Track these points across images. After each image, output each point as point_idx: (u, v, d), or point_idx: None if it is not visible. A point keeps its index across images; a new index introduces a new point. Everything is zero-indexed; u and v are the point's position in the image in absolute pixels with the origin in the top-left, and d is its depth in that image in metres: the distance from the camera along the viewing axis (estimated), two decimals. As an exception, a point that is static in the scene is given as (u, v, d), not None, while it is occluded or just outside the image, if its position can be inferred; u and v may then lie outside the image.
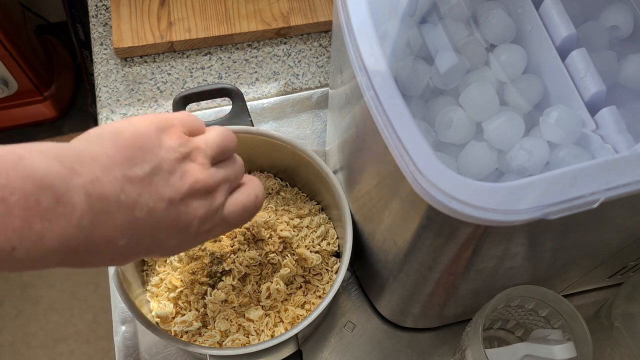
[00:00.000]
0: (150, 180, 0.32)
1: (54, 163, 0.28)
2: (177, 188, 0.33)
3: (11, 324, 1.33)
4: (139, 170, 0.31)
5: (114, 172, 0.30)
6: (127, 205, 0.30)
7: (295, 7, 0.77)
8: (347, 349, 0.59)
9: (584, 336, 0.46)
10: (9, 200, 0.26)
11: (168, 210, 0.33)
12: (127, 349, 0.58)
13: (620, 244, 0.46)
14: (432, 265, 0.43)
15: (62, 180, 0.28)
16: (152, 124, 0.33)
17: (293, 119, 0.72)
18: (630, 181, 0.34)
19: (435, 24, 0.45)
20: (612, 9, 0.45)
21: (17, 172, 0.26)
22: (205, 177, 0.35)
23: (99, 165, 0.30)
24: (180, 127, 0.35)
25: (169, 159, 0.33)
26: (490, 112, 0.42)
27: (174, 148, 0.33)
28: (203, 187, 0.35)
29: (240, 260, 0.51)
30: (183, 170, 0.34)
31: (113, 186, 0.30)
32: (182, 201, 0.33)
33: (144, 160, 0.32)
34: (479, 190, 0.33)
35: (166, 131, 0.34)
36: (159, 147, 0.33)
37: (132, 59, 0.74)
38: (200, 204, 0.35)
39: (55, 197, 0.27)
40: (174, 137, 0.34)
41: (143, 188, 0.31)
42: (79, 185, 0.28)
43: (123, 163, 0.31)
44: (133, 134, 0.32)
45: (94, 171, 0.29)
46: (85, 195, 0.28)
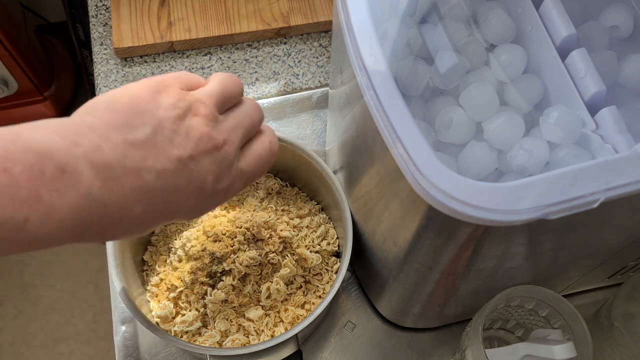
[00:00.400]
0: (154, 142, 0.31)
1: (52, 135, 0.28)
2: (184, 146, 0.32)
3: (11, 324, 1.33)
4: (139, 133, 0.30)
5: (114, 138, 0.30)
6: (134, 170, 0.30)
7: (295, 7, 0.77)
8: (347, 349, 0.59)
9: (584, 336, 0.46)
10: (12, 171, 0.26)
11: (178, 171, 0.31)
12: (127, 349, 0.58)
13: (620, 244, 0.46)
14: (432, 265, 0.43)
15: (63, 151, 0.27)
16: (147, 87, 0.32)
17: (293, 119, 0.72)
18: (630, 181, 0.34)
19: (435, 24, 0.45)
20: (612, 9, 0.45)
21: (17, 146, 0.26)
22: (210, 130, 0.33)
23: (97, 133, 0.29)
24: (177, 84, 0.34)
25: (169, 117, 0.32)
26: (490, 112, 0.42)
27: (173, 105, 0.32)
28: (210, 141, 0.33)
29: (240, 260, 0.51)
30: (187, 126, 0.32)
31: (115, 152, 0.29)
32: (191, 159, 0.32)
33: (143, 123, 0.31)
34: (479, 190, 0.33)
35: (162, 91, 0.33)
36: (156, 107, 0.32)
37: (132, 59, 0.74)
38: (212, 160, 0.33)
39: (59, 167, 0.27)
40: (171, 94, 0.33)
41: (147, 151, 0.30)
42: (81, 154, 0.28)
43: (121, 128, 0.30)
44: (128, 99, 0.31)
45: (94, 140, 0.29)
46: (89, 164, 0.28)
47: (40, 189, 0.26)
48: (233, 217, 0.54)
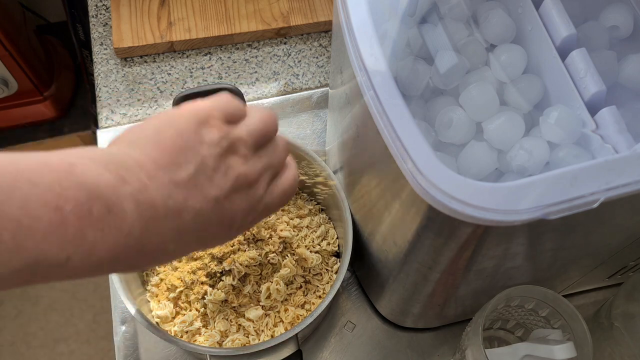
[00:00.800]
0: (196, 182, 0.31)
1: (103, 171, 0.28)
2: (222, 186, 0.32)
3: (11, 324, 1.33)
4: (183, 172, 0.31)
5: (160, 177, 0.30)
6: (175, 210, 0.30)
7: (295, 7, 0.77)
8: (347, 349, 0.59)
9: (584, 336, 0.46)
10: (63, 209, 0.26)
11: (213, 210, 0.32)
12: (127, 349, 0.58)
13: (620, 244, 0.46)
14: (432, 265, 0.43)
15: (112, 189, 0.27)
16: (191, 118, 0.32)
17: (293, 119, 0.72)
18: (630, 181, 0.34)
19: (435, 24, 0.45)
20: (612, 9, 0.45)
21: (70, 181, 0.26)
22: (247, 170, 0.33)
23: (145, 171, 0.29)
24: (220, 116, 0.33)
25: (212, 155, 0.32)
26: (490, 112, 0.42)
27: (215, 142, 0.32)
28: (246, 180, 0.33)
29: (240, 260, 0.51)
30: (226, 165, 0.32)
31: (160, 192, 0.29)
32: (226, 198, 0.32)
33: (187, 161, 0.31)
34: (479, 190, 0.33)
35: (206, 124, 0.32)
36: (200, 143, 0.31)
37: (132, 59, 0.74)
38: (244, 198, 0.34)
39: (107, 207, 0.27)
40: (215, 130, 0.32)
41: (189, 191, 0.31)
42: (128, 193, 0.28)
43: (168, 167, 0.30)
44: (174, 134, 0.31)
45: (141, 178, 0.29)
46: (135, 204, 0.28)
47: (86, 228, 0.26)
48: (233, 217, 0.54)
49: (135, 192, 0.28)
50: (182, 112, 0.33)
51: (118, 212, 0.27)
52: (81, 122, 1.50)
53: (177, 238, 0.31)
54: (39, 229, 0.25)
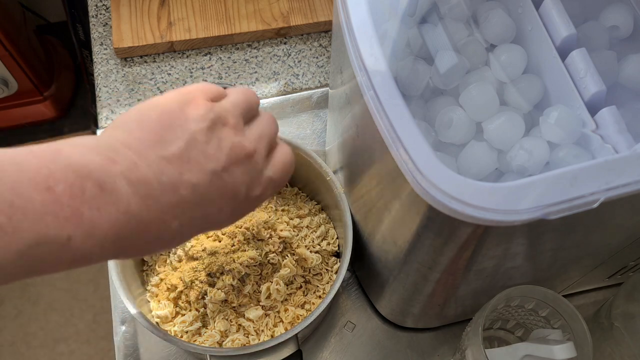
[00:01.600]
0: (188, 156, 0.31)
1: (90, 153, 0.28)
2: (217, 157, 0.32)
3: (11, 324, 1.33)
4: (173, 148, 0.31)
5: (149, 155, 0.30)
6: (170, 186, 0.30)
7: (295, 7, 0.77)
8: (347, 349, 0.59)
9: (584, 336, 0.46)
10: (55, 189, 0.26)
11: (212, 183, 0.32)
12: (127, 349, 0.58)
13: (620, 244, 0.46)
14: (432, 265, 0.43)
15: (101, 169, 0.28)
16: (174, 100, 0.33)
17: (293, 119, 0.72)
18: (630, 181, 0.34)
19: (435, 24, 0.45)
20: (612, 9, 0.45)
21: (57, 164, 0.27)
22: (241, 140, 0.34)
23: (132, 151, 0.30)
24: (202, 95, 0.34)
25: (201, 129, 0.32)
26: (490, 112, 0.42)
27: (202, 116, 0.32)
28: (241, 150, 0.34)
29: (240, 260, 0.51)
30: (217, 137, 0.33)
31: (151, 169, 0.30)
32: (224, 170, 0.32)
33: (176, 137, 0.31)
34: (479, 190, 0.33)
35: (189, 103, 0.33)
36: (186, 120, 0.32)
37: (132, 59, 0.74)
38: (243, 169, 0.34)
39: (99, 185, 0.27)
40: (199, 106, 0.33)
41: (182, 165, 0.31)
42: (119, 172, 0.28)
43: (155, 145, 0.31)
44: (158, 114, 0.32)
45: (130, 157, 0.29)
46: (127, 182, 0.28)
47: (81, 206, 0.27)
48: (233, 217, 0.53)
49: (126, 170, 0.29)
50: (166, 95, 0.33)
51: (111, 190, 0.28)
52: (81, 122, 1.50)
53: (180, 214, 0.31)
54: (33, 209, 0.25)
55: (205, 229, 0.34)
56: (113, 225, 0.28)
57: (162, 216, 0.30)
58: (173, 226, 0.31)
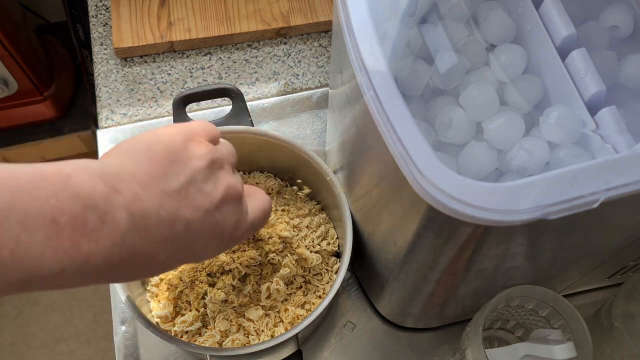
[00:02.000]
0: (187, 193, 0.32)
1: (97, 182, 0.28)
2: (213, 196, 0.34)
3: (11, 324, 1.33)
4: (174, 183, 0.32)
5: (153, 188, 0.31)
6: (168, 220, 0.31)
7: (295, 7, 0.77)
8: (347, 349, 0.59)
9: (584, 336, 0.46)
10: (59, 221, 0.26)
11: (205, 220, 0.33)
12: (127, 349, 0.58)
13: (620, 244, 0.46)
14: (432, 265, 0.43)
15: (105, 199, 0.28)
16: (179, 134, 0.34)
17: (293, 119, 0.72)
18: (630, 181, 0.34)
19: (435, 24, 0.45)
20: (612, 9, 0.45)
21: (66, 193, 0.27)
22: (235, 182, 0.36)
23: (138, 182, 0.30)
24: (204, 135, 0.36)
25: (201, 168, 0.33)
26: (490, 112, 0.42)
27: (203, 156, 0.34)
28: (235, 191, 0.35)
29: (240, 260, 0.51)
30: (215, 177, 0.34)
31: (153, 203, 0.30)
32: (217, 209, 0.34)
33: (178, 173, 0.32)
34: (479, 190, 0.33)
35: (192, 140, 0.35)
36: (189, 157, 0.33)
37: (132, 59, 0.74)
38: (233, 210, 0.35)
39: (101, 217, 0.28)
40: (201, 145, 0.35)
41: (180, 201, 0.32)
42: (122, 203, 0.29)
43: (160, 178, 0.31)
44: (164, 148, 0.33)
45: (134, 189, 0.30)
46: (128, 214, 0.29)
47: (81, 240, 0.27)
48: (233, 217, 0.53)
49: (129, 202, 0.29)
50: (170, 129, 0.35)
51: (111, 222, 0.28)
52: (81, 122, 1.50)
53: (169, 248, 0.32)
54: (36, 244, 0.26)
55: (186, 262, 0.36)
56: (106, 258, 0.28)
57: (153, 249, 0.31)
58: (160, 259, 0.32)
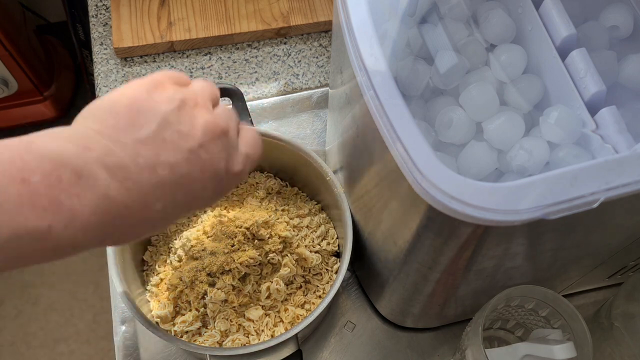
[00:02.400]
0: (163, 137, 0.31)
1: (64, 142, 0.28)
2: (192, 135, 0.32)
3: (11, 324, 1.33)
4: (146, 131, 0.31)
5: (123, 139, 0.30)
6: (148, 167, 0.30)
7: (295, 7, 0.77)
8: (347, 349, 0.59)
9: (584, 336, 0.46)
10: (30, 180, 0.26)
11: (190, 160, 0.32)
12: (127, 349, 0.58)
13: (620, 244, 0.46)
14: (432, 265, 0.43)
15: (77, 156, 0.28)
16: (141, 86, 0.33)
17: (293, 119, 0.72)
18: (630, 181, 0.34)
19: (435, 24, 0.45)
20: (612, 9, 0.45)
21: (32, 155, 0.27)
22: (213, 118, 0.34)
23: (106, 137, 0.30)
24: (169, 80, 0.35)
25: (171, 110, 0.32)
26: (490, 112, 0.42)
27: (171, 97, 0.33)
28: (215, 126, 0.34)
29: (240, 260, 0.51)
30: (190, 116, 0.33)
31: (127, 153, 0.30)
32: (201, 147, 0.33)
33: (148, 120, 0.31)
34: (479, 190, 0.33)
35: (157, 87, 0.33)
36: (156, 102, 0.32)
37: (132, 59, 0.74)
38: (220, 145, 0.34)
39: (75, 172, 0.27)
40: (167, 88, 0.33)
41: (158, 146, 0.31)
42: (95, 158, 0.28)
43: (128, 129, 0.31)
44: (127, 101, 0.32)
45: (105, 144, 0.29)
46: (104, 167, 0.29)
47: (59, 195, 0.27)
48: (233, 217, 0.54)
49: (102, 156, 0.29)
50: (132, 84, 0.34)
51: (88, 176, 0.28)
52: (81, 122, 1.49)
53: (161, 195, 0.31)
54: (9, 202, 0.25)
55: (191, 208, 0.34)
56: (94, 211, 0.28)
57: (144, 198, 0.30)
58: (157, 208, 0.31)
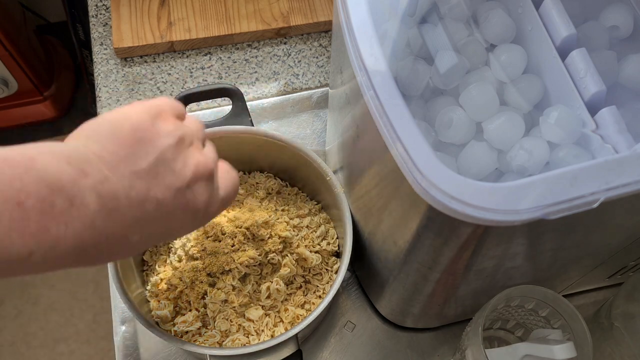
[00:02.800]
0: (156, 172, 0.32)
1: (63, 164, 0.28)
2: (183, 175, 0.33)
3: (11, 324, 1.33)
4: (143, 163, 0.31)
5: (121, 169, 0.30)
6: (138, 201, 0.30)
7: (295, 7, 0.77)
8: (347, 349, 0.59)
9: (584, 336, 0.46)
10: (25, 204, 0.26)
11: (176, 199, 0.33)
12: (127, 349, 0.58)
13: (620, 244, 0.46)
14: (432, 265, 0.43)
15: (73, 182, 0.28)
16: (145, 112, 0.33)
17: (293, 119, 0.72)
18: (630, 181, 0.34)
19: (435, 24, 0.45)
20: (612, 9, 0.45)
21: (31, 176, 0.26)
22: (205, 159, 0.35)
23: (105, 164, 0.30)
24: (170, 111, 0.35)
25: (170, 146, 0.33)
26: (490, 112, 0.42)
27: (171, 133, 0.33)
28: (205, 168, 0.35)
29: (240, 260, 0.51)
30: (184, 155, 0.33)
31: (122, 184, 0.30)
32: (188, 187, 0.33)
33: (147, 153, 0.31)
34: (479, 190, 0.33)
35: (159, 117, 0.33)
36: (157, 135, 0.32)
37: (132, 59, 0.74)
38: (204, 187, 0.35)
39: (69, 200, 0.27)
40: (168, 122, 0.34)
41: (150, 181, 0.31)
42: (90, 186, 0.28)
43: (128, 159, 0.31)
44: (131, 127, 0.32)
45: (102, 170, 0.29)
46: (97, 196, 0.28)
47: (49, 223, 0.26)
48: (233, 217, 0.54)
49: (97, 184, 0.29)
50: (135, 108, 0.34)
51: (80, 204, 0.28)
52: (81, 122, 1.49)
53: (141, 229, 0.31)
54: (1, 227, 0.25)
55: (161, 241, 0.36)
56: (76, 240, 0.28)
57: (124, 230, 0.30)
58: (133, 240, 0.31)
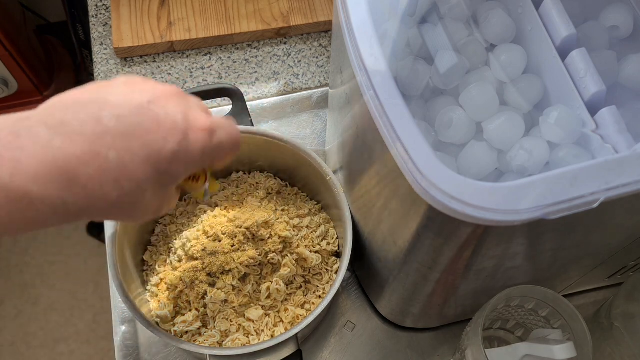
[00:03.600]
0: (106, 99, 0.32)
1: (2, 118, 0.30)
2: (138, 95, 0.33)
3: (11, 324, 1.33)
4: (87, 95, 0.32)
5: (64, 102, 0.31)
6: (91, 120, 0.31)
7: (295, 7, 0.77)
8: (347, 349, 0.59)
9: (584, 336, 0.46)
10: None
11: (141, 114, 0.32)
12: (127, 349, 0.58)
13: (620, 244, 0.46)
14: (432, 265, 0.43)
15: (13, 123, 0.29)
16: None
17: (293, 119, 0.72)
18: (630, 181, 0.34)
19: (435, 24, 0.45)
20: (612, 9, 0.45)
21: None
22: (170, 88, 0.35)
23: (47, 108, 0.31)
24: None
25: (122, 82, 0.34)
26: (490, 112, 0.42)
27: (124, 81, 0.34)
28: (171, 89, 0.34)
29: (240, 260, 0.51)
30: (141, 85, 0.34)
31: (68, 112, 0.31)
32: (150, 103, 0.33)
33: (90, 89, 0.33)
34: (479, 190, 0.33)
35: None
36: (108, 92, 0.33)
37: (132, 59, 0.74)
38: (176, 102, 0.34)
39: (13, 133, 0.29)
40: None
41: (102, 104, 0.32)
42: (35, 121, 0.30)
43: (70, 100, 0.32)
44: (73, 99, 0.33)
45: (45, 110, 0.31)
46: (44, 125, 0.30)
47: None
48: (233, 217, 0.54)
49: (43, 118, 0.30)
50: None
51: (27, 134, 0.29)
52: (81, 123, 1.49)
53: (112, 143, 0.31)
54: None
55: (158, 159, 0.33)
56: (41, 161, 0.29)
57: (92, 147, 0.30)
58: (110, 156, 0.31)
